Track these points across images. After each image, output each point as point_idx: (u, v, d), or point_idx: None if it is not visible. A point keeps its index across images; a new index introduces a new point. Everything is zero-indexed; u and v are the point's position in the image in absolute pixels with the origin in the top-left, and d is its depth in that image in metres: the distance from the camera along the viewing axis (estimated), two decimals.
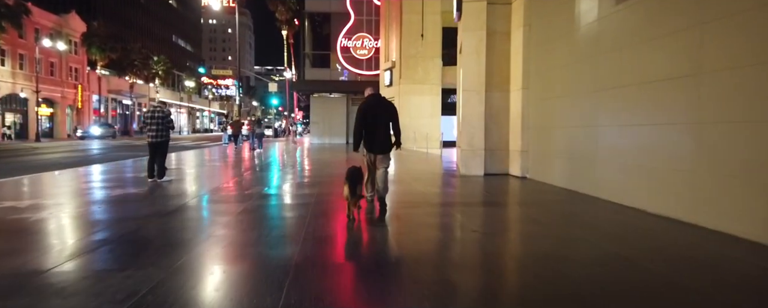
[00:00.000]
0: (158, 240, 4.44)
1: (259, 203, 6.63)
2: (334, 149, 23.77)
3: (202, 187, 8.52)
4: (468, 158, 10.01)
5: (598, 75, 7.01)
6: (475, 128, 9.95)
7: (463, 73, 10.05)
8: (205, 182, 9.21)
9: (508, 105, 10.10)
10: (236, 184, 8.90)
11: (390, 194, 6.39)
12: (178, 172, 10.95)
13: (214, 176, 10.39)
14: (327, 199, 6.99)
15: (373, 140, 5.81)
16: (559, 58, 8.36)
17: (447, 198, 7.56)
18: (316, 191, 7.83)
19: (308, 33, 32.95)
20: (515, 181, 9.31)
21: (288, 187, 8.51)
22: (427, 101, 25.64)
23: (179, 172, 11.00)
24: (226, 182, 9.12)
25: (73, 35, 49.97)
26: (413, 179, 9.52)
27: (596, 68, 7.07)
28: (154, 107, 9.08)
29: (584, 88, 7.46)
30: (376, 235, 4.84)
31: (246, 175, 10.38)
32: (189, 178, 9.96)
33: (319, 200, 6.82)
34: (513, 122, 9.95)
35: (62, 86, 47.88)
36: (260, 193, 7.56)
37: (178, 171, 11.15)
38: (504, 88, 10.09)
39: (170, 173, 10.07)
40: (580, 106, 7.61)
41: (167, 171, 9.34)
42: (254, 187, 8.28)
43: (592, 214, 6.04)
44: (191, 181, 9.46)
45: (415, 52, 25.61)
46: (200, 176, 10.22)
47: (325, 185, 8.54)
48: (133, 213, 5.77)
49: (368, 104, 5.87)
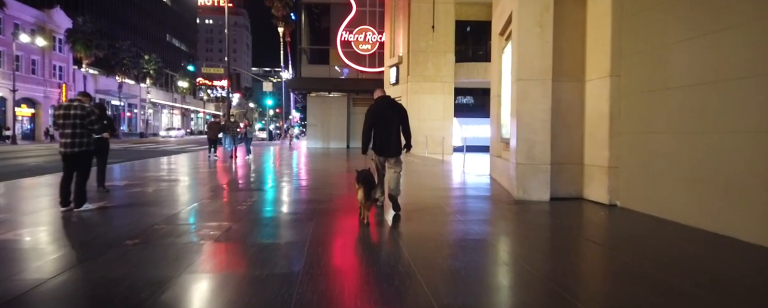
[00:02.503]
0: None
1: (216, 262, 3.68)
2: (334, 155, 20.80)
3: (142, 219, 5.53)
4: (526, 175, 7.07)
5: (761, 50, 4.14)
6: (536, 132, 7.02)
7: (518, 57, 7.12)
8: (151, 211, 6.20)
9: (581, 100, 7.18)
10: (198, 215, 5.94)
11: (421, 243, 4.61)
12: (124, 190, 7.98)
13: (172, 198, 7.39)
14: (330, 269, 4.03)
15: (384, 143, 5.78)
16: (675, 29, 5.46)
17: (524, 257, 4.60)
18: (312, 232, 4.88)
19: (305, 27, 29.96)
20: (600, 211, 6.38)
21: (269, 222, 5.57)
22: (439, 100, 22.73)
23: (125, 191, 8.02)
24: (180, 211, 6.14)
25: (57, 31, 47.21)
26: (448, 209, 6.57)
27: (755, 40, 4.20)
28: (70, 101, 6.13)
29: (730, 71, 4.57)
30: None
31: (219, 195, 7.41)
32: (131, 203, 6.95)
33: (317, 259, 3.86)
34: (590, 124, 7.03)
35: (45, 85, 45.06)
36: (227, 234, 4.61)
37: (124, 189, 8.17)
38: (576, 76, 7.18)
39: (110, 196, 7.15)
40: (720, 100, 4.72)
41: (104, 192, 6.56)
42: (220, 221, 5.34)
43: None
44: (130, 210, 6.46)
45: (426, 46, 22.70)
46: (151, 200, 7.23)
47: (329, 233, 5.58)
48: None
49: (378, 106, 5.81)
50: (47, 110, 45.32)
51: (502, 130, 9.27)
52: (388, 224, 5.39)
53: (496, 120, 9.87)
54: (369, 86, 26.62)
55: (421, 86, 22.69)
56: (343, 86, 27.68)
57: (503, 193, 7.93)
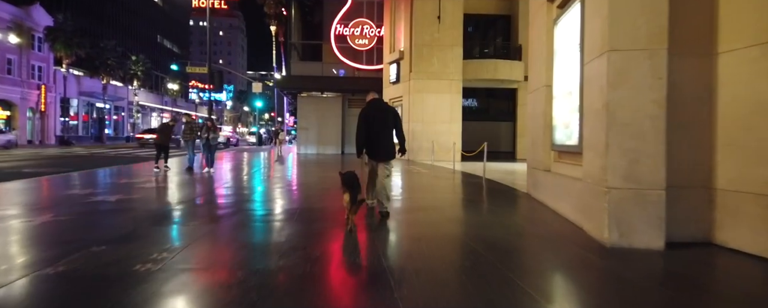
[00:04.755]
0: None
1: None
2: (328, 163, 18.00)
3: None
4: (625, 207, 4.29)
5: None
6: (642, 138, 4.26)
7: (610, 15, 4.35)
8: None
9: (712, 84, 4.43)
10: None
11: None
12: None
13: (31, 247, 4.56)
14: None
15: (376, 146, 5.74)
16: None
17: None
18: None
19: (296, 20, 27.15)
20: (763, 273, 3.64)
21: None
22: (446, 100, 20.00)
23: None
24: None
25: (36, 29, 44.53)
26: (490, 259, 3.79)
27: None
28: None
29: None
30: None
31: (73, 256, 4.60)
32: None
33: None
34: (731, 121, 4.29)
35: (22, 86, 42.27)
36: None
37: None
38: (702, 47, 4.45)
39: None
40: None
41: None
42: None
43: None
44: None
45: (430, 40, 19.97)
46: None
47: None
48: None
49: (371, 109, 5.79)
50: (25, 112, 42.59)
51: (556, 133, 6.53)
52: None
53: (540, 120, 7.13)
54: (366, 85, 23.85)
55: (426, 83, 19.93)
56: (338, 86, 24.88)
57: (571, 230, 5.14)
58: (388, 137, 5.76)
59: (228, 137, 37.46)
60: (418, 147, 19.25)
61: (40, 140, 44.05)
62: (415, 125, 19.77)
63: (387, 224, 5.37)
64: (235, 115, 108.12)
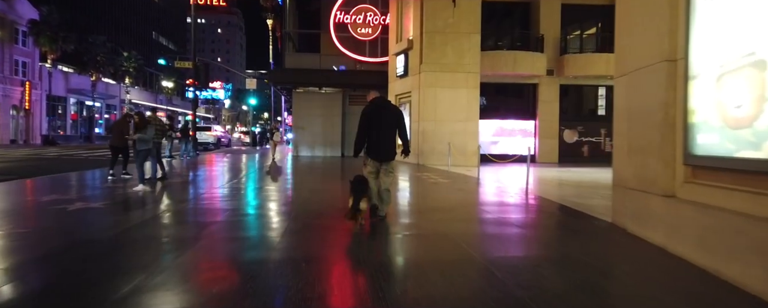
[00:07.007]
0: None
1: None
2: (329, 168, 15.38)
3: None
4: None
5: None
6: None
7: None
8: None
9: None
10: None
11: None
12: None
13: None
14: None
15: (378, 146, 5.60)
16: None
17: None
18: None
19: (292, 8, 24.50)
20: None
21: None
22: (463, 95, 17.36)
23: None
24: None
25: (20, 23, 42.08)
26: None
27: None
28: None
29: None
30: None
31: None
32: None
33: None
34: None
35: (4, 82, 39.76)
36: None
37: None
38: None
39: None
40: None
41: None
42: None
43: None
44: None
45: (444, 26, 17.33)
46: None
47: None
48: None
49: (373, 107, 5.66)
50: (8, 110, 40.08)
51: (696, 137, 3.94)
52: None
53: (656, 114, 4.52)
54: (368, 79, 21.20)
55: (438, 77, 17.29)
56: (337, 80, 22.24)
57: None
58: (389, 136, 5.63)
59: (219, 136, 35.09)
60: (430, 149, 16.65)
61: (24, 140, 41.46)
62: (427, 124, 17.17)
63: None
64: (234, 114, 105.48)
